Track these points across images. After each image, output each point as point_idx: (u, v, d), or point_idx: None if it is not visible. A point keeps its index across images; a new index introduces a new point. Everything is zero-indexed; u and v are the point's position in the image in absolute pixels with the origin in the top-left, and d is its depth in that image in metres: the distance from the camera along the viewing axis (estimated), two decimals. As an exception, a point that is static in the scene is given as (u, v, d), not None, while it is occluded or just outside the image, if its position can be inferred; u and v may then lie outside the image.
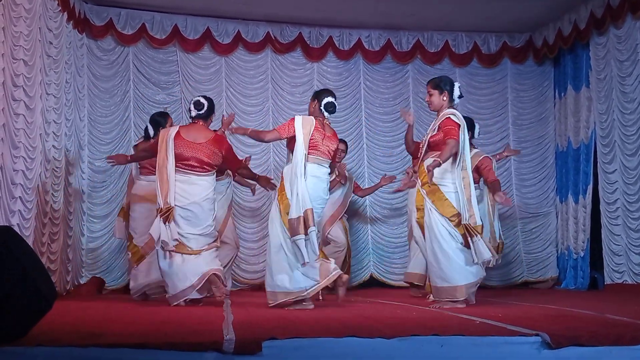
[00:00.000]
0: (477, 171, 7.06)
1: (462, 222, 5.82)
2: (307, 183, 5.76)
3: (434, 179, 5.76)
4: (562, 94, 9.84)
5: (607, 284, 8.58)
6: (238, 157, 6.59)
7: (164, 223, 5.99)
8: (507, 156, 8.55)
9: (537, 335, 3.71)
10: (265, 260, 9.46)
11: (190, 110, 6.35)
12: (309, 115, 6.14)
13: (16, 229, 5.80)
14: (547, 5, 9.04)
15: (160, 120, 7.24)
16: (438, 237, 5.87)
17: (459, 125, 5.92)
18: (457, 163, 5.90)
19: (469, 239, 5.81)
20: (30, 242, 6.25)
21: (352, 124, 9.82)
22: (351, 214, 9.24)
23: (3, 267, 3.38)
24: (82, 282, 8.51)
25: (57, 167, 7.52)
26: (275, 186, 6.45)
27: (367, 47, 9.86)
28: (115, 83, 9.19)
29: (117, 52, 9.22)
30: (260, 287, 9.11)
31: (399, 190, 7.94)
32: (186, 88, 9.38)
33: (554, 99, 10.10)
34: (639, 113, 8.13)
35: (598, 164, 8.85)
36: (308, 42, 9.72)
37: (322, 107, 6.04)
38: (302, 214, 5.67)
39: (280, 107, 9.71)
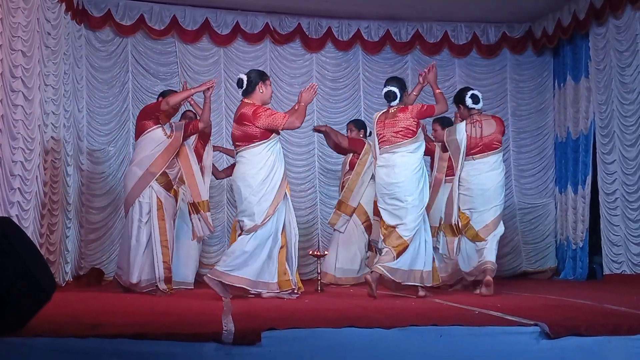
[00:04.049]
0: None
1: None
2: (376, 176, 6.22)
3: None
4: (562, 84, 9.83)
5: (605, 274, 8.59)
6: (275, 117, 5.98)
7: None
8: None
9: (535, 325, 3.72)
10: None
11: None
12: None
13: (15, 220, 5.80)
14: (546, -4, 9.04)
15: (166, 93, 7.03)
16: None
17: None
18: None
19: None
20: (29, 233, 6.24)
21: (351, 115, 9.79)
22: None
23: (2, 258, 3.38)
24: (81, 273, 8.52)
25: (55, 159, 7.51)
26: None
27: (366, 38, 9.84)
28: (114, 74, 9.17)
29: (115, 43, 9.20)
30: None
31: None
32: (185, 79, 9.37)
33: (553, 89, 10.09)
34: (638, 103, 8.12)
35: (597, 154, 8.86)
36: (307, 32, 9.70)
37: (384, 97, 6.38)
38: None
39: (280, 97, 9.69)
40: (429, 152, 7.15)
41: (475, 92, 6.60)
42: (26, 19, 6.54)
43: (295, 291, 5.97)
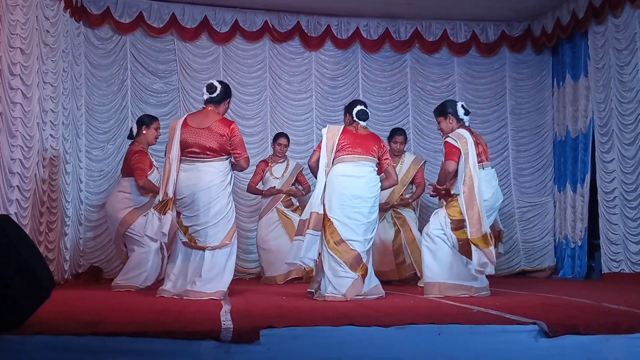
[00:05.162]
0: None
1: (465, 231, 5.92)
2: (336, 183, 5.77)
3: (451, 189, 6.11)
4: (561, 83, 9.83)
5: (604, 273, 8.59)
6: (245, 148, 6.02)
7: (161, 214, 5.85)
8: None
9: (534, 323, 3.73)
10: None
11: (203, 94, 6.07)
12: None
13: (14, 217, 5.80)
14: (545, -6, 9.04)
15: (145, 120, 7.15)
16: (429, 231, 6.07)
17: (458, 148, 6.03)
18: (460, 178, 6.01)
19: (472, 247, 5.85)
20: (27, 230, 6.24)
21: (350, 113, 9.80)
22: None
23: (1, 256, 3.38)
24: (80, 271, 8.51)
25: (54, 156, 7.50)
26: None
27: (365, 36, 9.84)
28: (113, 72, 9.16)
29: (114, 40, 9.19)
30: (257, 277, 9.15)
31: None
32: (184, 77, 9.37)
33: (552, 88, 10.09)
34: (637, 102, 8.12)
35: (596, 153, 8.86)
36: (306, 30, 9.70)
37: (354, 117, 6.02)
38: (308, 217, 5.74)
39: (278, 96, 9.69)
40: None
41: (463, 103, 6.39)
42: (25, 17, 6.53)
43: None
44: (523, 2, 9.29)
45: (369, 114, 6.10)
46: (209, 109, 6.00)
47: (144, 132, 7.00)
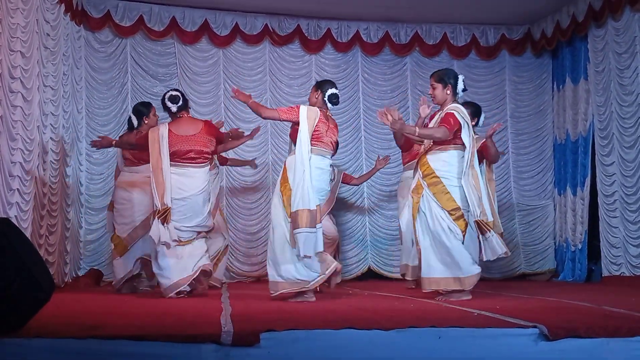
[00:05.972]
0: (480, 155, 6.71)
1: (469, 218, 5.73)
2: (312, 175, 5.69)
3: (436, 172, 5.77)
4: (561, 86, 9.84)
5: (604, 276, 8.59)
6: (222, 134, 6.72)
7: (162, 224, 6.02)
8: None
9: (534, 327, 3.73)
10: (265, 251, 9.51)
11: (169, 108, 6.34)
12: (310, 105, 5.99)
13: (14, 221, 5.78)
14: (545, -2, 9.05)
15: (143, 110, 7.19)
16: (439, 229, 5.76)
17: (460, 124, 5.76)
18: (465, 162, 5.77)
19: (480, 235, 5.73)
20: (28, 234, 6.24)
21: (350, 116, 9.82)
22: (348, 206, 9.34)
23: (1, 259, 3.38)
24: (80, 274, 8.51)
25: (54, 160, 7.50)
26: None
27: (365, 40, 9.85)
28: (113, 75, 9.17)
29: (114, 44, 9.21)
30: (258, 279, 9.15)
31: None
32: (184, 80, 9.37)
33: (552, 91, 10.10)
34: (637, 105, 8.13)
35: (596, 156, 8.86)
36: (306, 34, 9.71)
37: (325, 99, 5.94)
38: (315, 209, 5.67)
39: (279, 99, 9.70)
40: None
41: (465, 78, 6.09)
42: (25, 20, 6.53)
43: None
44: (523, 5, 9.30)
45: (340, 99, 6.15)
46: (185, 115, 6.39)
47: (146, 121, 7.08)
